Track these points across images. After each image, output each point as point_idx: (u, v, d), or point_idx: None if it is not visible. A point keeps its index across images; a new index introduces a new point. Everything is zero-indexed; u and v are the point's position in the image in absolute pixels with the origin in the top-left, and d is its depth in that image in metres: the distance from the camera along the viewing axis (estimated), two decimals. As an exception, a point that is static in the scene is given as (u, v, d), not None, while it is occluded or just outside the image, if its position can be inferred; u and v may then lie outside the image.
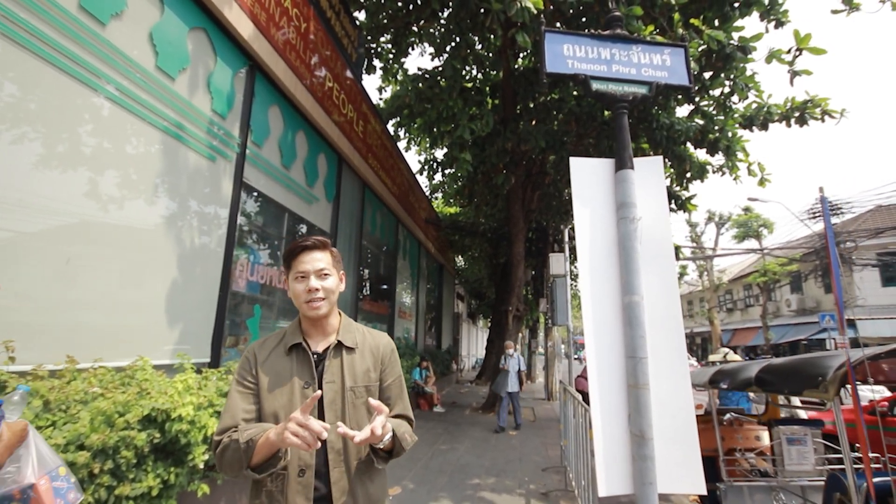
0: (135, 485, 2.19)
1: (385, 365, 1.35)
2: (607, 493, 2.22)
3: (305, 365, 1.25)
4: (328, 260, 1.34)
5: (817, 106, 6.42)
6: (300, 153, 5.61)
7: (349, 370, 1.27)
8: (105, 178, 2.97)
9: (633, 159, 2.55)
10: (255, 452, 1.08)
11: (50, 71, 2.65)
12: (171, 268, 3.49)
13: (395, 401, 1.33)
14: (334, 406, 1.22)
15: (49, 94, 2.66)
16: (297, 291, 1.29)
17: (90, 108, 2.90)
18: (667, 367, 2.32)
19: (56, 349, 2.46)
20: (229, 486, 3.15)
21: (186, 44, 3.69)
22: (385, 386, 1.33)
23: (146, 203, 3.29)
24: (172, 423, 2.34)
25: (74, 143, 2.79)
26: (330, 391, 1.22)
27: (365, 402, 1.25)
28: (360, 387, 1.26)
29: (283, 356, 1.26)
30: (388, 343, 1.40)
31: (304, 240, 1.32)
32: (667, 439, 2.23)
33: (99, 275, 2.91)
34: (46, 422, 1.93)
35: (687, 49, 2.81)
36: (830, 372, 1.93)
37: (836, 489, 2.08)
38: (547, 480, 4.83)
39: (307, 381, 1.23)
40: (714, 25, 5.42)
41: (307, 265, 1.29)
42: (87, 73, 2.86)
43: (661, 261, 2.46)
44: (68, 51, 2.74)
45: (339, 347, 1.30)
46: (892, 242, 19.62)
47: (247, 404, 1.20)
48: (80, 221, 2.81)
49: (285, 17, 4.95)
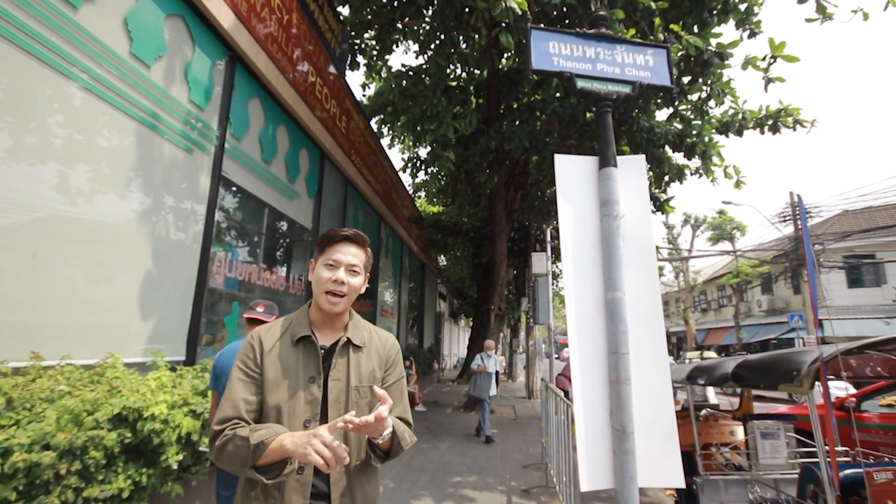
0: (104, 486, 2.10)
1: (389, 366, 1.32)
2: (589, 487, 2.24)
3: (312, 359, 1.22)
4: (362, 258, 1.30)
5: (790, 115, 6.66)
6: (281, 148, 5.50)
7: (355, 369, 1.24)
8: (75, 169, 2.84)
9: (616, 157, 2.58)
10: (264, 455, 1.04)
11: (18, 56, 2.52)
12: (145, 263, 3.37)
13: (395, 403, 1.28)
14: (338, 404, 1.19)
15: (16, 80, 2.53)
16: (322, 279, 1.24)
17: (61, 95, 2.77)
18: (648, 362, 2.36)
19: (19, 346, 2.34)
20: (204, 487, 3.06)
21: (163, 31, 3.56)
22: (387, 387, 1.30)
23: (118, 196, 3.17)
24: (145, 423, 2.26)
25: (43, 133, 2.66)
26: (335, 389, 1.20)
27: (368, 402, 1.22)
28: (364, 386, 1.23)
29: (290, 347, 1.22)
30: (395, 344, 1.38)
31: (345, 230, 1.28)
32: (647, 434, 2.26)
33: (67, 270, 2.78)
34: (9, 420, 1.83)
35: (669, 50, 2.86)
36: (804, 367, 1.99)
37: (809, 481, 2.14)
38: (528, 477, 4.86)
39: (312, 376, 1.20)
40: (693, 31, 5.55)
41: (341, 255, 1.25)
42: (58, 59, 2.73)
43: (643, 258, 2.49)
44: (38, 34, 2.62)
45: (347, 345, 1.26)
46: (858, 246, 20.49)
47: (248, 395, 1.16)
48: (47, 214, 2.68)
49: (267, 9, 4.84)
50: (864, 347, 2.19)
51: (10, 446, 1.74)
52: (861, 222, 21.91)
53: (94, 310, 2.95)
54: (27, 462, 1.74)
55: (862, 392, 5.10)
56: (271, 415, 1.15)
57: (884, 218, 21.41)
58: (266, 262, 5.20)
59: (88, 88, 2.94)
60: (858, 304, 20.32)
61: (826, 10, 5.13)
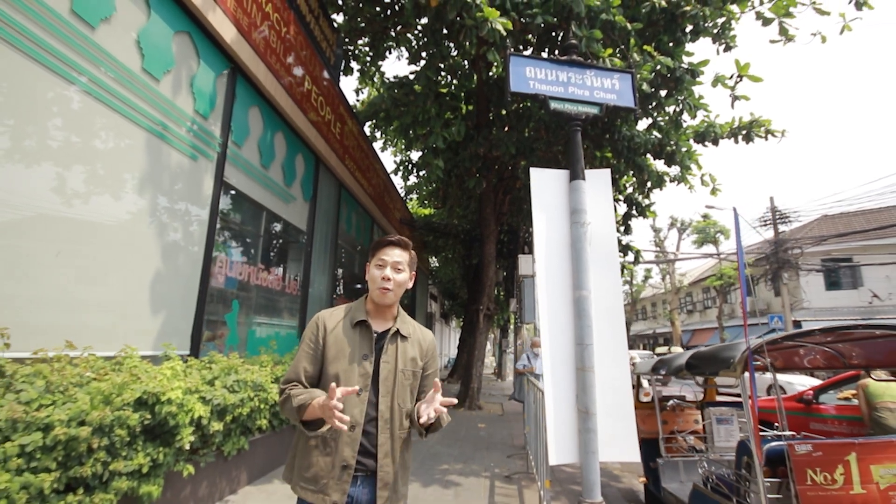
0: (127, 462, 2.37)
1: (428, 357, 1.58)
2: (556, 462, 2.55)
3: (367, 340, 1.46)
4: (406, 259, 1.54)
5: (762, 126, 7.07)
6: (279, 153, 5.76)
7: (402, 355, 1.49)
8: (94, 176, 3.10)
9: (584, 171, 2.90)
10: (306, 413, 1.31)
11: (42, 72, 2.78)
12: (155, 263, 3.63)
13: (430, 387, 1.52)
14: (387, 382, 1.44)
15: (35, 93, 2.78)
16: (374, 276, 1.49)
17: (83, 109, 3.02)
18: (610, 352, 2.68)
19: (47, 337, 2.59)
20: (212, 468, 3.32)
21: (171, 47, 3.82)
22: (426, 375, 1.55)
23: (130, 202, 3.42)
24: (162, 406, 2.52)
25: (65, 144, 2.91)
26: (384, 369, 1.44)
27: (410, 384, 1.48)
28: (408, 370, 1.48)
29: (349, 329, 1.47)
30: (433, 340, 1.63)
31: (392, 236, 1.54)
32: (607, 415, 2.58)
33: (85, 269, 3.03)
34: (48, 401, 2.09)
35: (634, 75, 3.19)
36: (738, 355, 2.33)
37: (744, 453, 2.48)
38: (511, 465, 5.16)
39: (366, 354, 1.44)
40: (669, 48, 5.92)
41: (387, 257, 1.50)
42: (79, 75, 2.98)
43: (607, 260, 2.82)
44: (59, 53, 2.87)
45: (396, 334, 1.51)
46: (836, 249, 21.19)
47: (309, 365, 1.43)
48: (63, 217, 2.93)
49: (266, 21, 5.11)
50: (783, 339, 2.54)
51: (51, 422, 2.00)
52: (839, 226, 22.63)
53: (111, 307, 3.20)
54: (67, 436, 2.00)
55: (818, 386, 5.51)
56: (331, 381, 1.39)
57: (860, 222, 22.18)
58: (263, 263, 5.45)
59: (106, 102, 3.19)
60: (836, 305, 21.00)
61: (788, 32, 5.54)
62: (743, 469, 2.44)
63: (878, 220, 20.97)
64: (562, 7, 4.63)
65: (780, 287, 19.86)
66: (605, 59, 4.66)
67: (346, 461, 1.35)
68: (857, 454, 2.21)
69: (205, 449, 3.12)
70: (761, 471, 2.19)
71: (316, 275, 7.03)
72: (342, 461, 1.34)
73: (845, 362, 3.12)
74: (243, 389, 3.37)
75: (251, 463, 3.89)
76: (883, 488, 2.21)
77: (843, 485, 2.17)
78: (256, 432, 3.86)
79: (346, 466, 1.34)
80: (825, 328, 2.42)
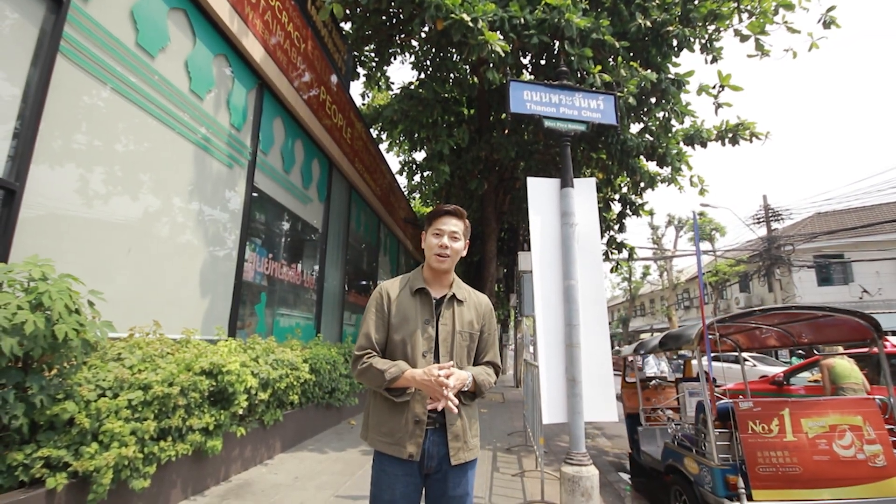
0: (198, 420, 2.91)
1: (484, 320, 1.64)
2: (549, 420, 3.10)
3: (427, 306, 1.54)
4: (461, 227, 1.59)
5: (747, 129, 7.58)
6: (298, 159, 6.29)
7: (459, 318, 1.56)
8: (156, 186, 3.63)
9: (573, 180, 3.44)
10: (396, 384, 1.42)
11: (118, 100, 3.30)
12: (202, 259, 4.16)
13: (487, 349, 1.64)
14: (446, 343, 1.52)
15: (111, 118, 3.31)
16: (432, 244, 1.55)
17: (143, 127, 3.54)
18: (593, 331, 3.22)
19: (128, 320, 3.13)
20: (254, 435, 3.86)
21: (212, 69, 4.34)
22: (483, 336, 1.63)
23: (181, 206, 3.95)
24: (224, 376, 3.06)
25: (127, 159, 3.44)
26: (443, 331, 1.52)
27: (468, 345, 1.56)
28: (465, 332, 1.56)
29: (410, 296, 1.55)
30: (488, 303, 1.69)
31: (447, 206, 1.59)
32: (591, 383, 3.13)
33: (148, 264, 3.57)
34: (144, 366, 2.63)
35: (616, 97, 3.72)
36: (695, 332, 2.87)
37: (701, 411, 3.02)
38: (511, 441, 5.71)
39: (427, 319, 1.52)
40: (657, 61, 6.43)
41: (444, 226, 1.55)
42: (142, 98, 3.51)
43: (592, 255, 3.36)
44: (128, 80, 3.39)
45: (452, 299, 1.57)
46: (827, 246, 21.73)
47: (378, 333, 1.51)
48: (131, 219, 3.46)
49: (289, 40, 5.63)
50: (727, 319, 3.10)
51: (149, 382, 2.54)
52: (831, 224, 23.16)
53: (169, 297, 3.73)
54: (163, 393, 2.54)
55: (789, 370, 6.07)
56: (398, 347, 1.49)
57: (852, 220, 22.71)
58: (285, 259, 5.98)
59: (164, 122, 3.72)
60: (828, 300, 21.55)
61: (764, 47, 6.05)
62: (700, 424, 2.99)
63: (869, 217, 21.51)
64: (555, 28, 5.14)
65: (773, 283, 20.41)
66: (595, 75, 5.17)
67: (419, 416, 1.44)
68: (790, 409, 2.76)
69: (250, 417, 3.66)
70: (713, 423, 2.74)
71: (329, 271, 7.57)
72: (415, 416, 1.44)
73: (795, 340, 3.66)
74: (281, 367, 3.91)
75: (284, 434, 4.43)
76: (811, 437, 2.75)
77: (777, 434, 2.72)
78: (289, 406, 4.40)
79: (419, 421, 1.44)
80: (763, 308, 2.95)
